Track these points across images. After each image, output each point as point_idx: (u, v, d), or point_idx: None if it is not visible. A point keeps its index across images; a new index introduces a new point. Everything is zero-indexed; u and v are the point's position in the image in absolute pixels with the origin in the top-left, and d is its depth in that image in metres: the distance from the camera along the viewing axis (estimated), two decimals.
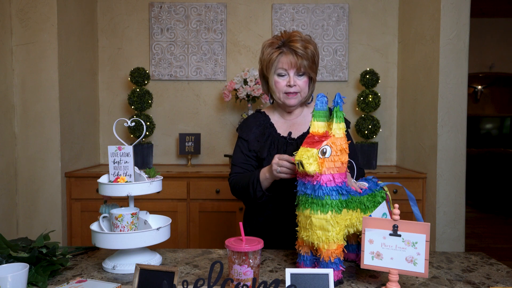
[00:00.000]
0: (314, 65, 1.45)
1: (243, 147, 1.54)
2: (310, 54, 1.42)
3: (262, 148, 1.49)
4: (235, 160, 1.56)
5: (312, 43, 1.45)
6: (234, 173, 1.54)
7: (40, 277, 1.08)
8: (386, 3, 3.12)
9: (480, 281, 1.12)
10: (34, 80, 2.53)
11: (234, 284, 0.99)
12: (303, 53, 1.40)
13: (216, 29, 3.11)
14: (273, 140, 1.50)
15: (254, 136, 1.53)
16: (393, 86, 3.16)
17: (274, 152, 1.47)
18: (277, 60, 1.43)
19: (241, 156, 1.54)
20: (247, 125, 1.58)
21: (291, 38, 1.43)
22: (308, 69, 1.42)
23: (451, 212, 2.51)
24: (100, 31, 3.13)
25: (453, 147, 2.49)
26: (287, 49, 1.41)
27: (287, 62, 1.41)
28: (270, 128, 1.54)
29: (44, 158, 2.55)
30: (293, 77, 1.43)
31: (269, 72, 1.46)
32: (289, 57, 1.41)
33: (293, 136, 1.51)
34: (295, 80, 1.43)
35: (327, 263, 1.06)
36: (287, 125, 1.54)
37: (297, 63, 1.41)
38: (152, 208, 2.46)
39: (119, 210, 1.25)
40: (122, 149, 1.27)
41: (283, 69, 1.43)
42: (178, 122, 3.17)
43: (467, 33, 2.47)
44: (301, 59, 1.40)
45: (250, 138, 1.53)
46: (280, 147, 1.49)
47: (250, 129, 1.55)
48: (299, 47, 1.40)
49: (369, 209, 1.13)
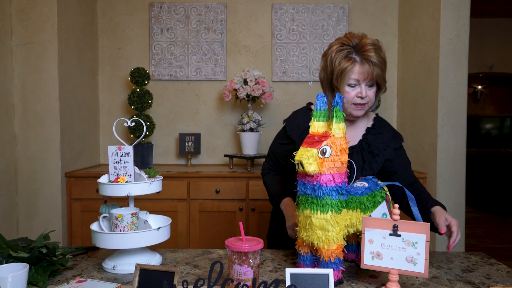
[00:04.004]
0: (384, 72, 1.35)
1: (286, 145, 1.48)
2: (383, 62, 1.33)
3: None
4: (274, 150, 1.54)
5: (382, 49, 1.35)
6: (268, 165, 1.56)
7: (40, 277, 1.08)
8: (386, 3, 3.12)
9: (480, 281, 1.12)
10: (34, 80, 2.53)
11: (234, 284, 0.99)
12: (377, 62, 1.30)
13: (216, 29, 3.11)
14: None
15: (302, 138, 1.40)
16: (393, 86, 3.16)
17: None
18: (351, 71, 1.31)
19: (278, 151, 1.52)
20: (297, 123, 1.49)
21: (364, 47, 1.31)
22: (382, 79, 1.34)
23: (451, 212, 2.49)
24: (100, 31, 3.13)
25: (453, 147, 2.49)
26: (362, 59, 1.31)
27: (362, 73, 1.31)
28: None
29: (44, 158, 2.55)
30: (364, 88, 1.33)
31: (340, 82, 1.34)
32: (364, 68, 1.30)
33: None
34: (366, 91, 1.34)
35: (327, 263, 1.06)
36: None
37: (373, 73, 1.31)
38: (152, 208, 2.46)
39: (119, 210, 1.25)
40: (122, 149, 1.27)
41: (355, 80, 1.32)
42: (178, 122, 3.17)
43: (467, 33, 2.47)
44: (376, 68, 1.31)
45: (297, 138, 1.45)
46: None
47: (298, 128, 1.47)
48: (374, 55, 1.30)
49: (369, 209, 1.13)
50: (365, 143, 1.42)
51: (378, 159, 1.40)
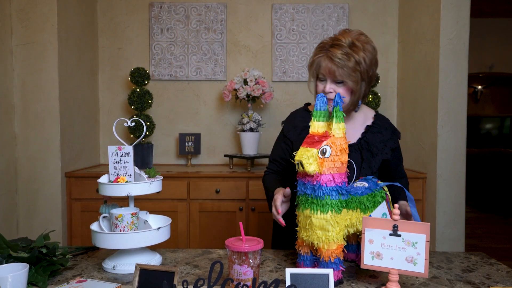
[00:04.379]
0: (357, 72, 1.31)
1: (284, 146, 1.49)
2: (353, 62, 1.29)
3: None
4: (274, 155, 1.53)
5: (363, 49, 1.32)
6: (270, 169, 1.53)
7: (40, 277, 1.08)
8: (386, 3, 3.12)
9: (480, 281, 1.12)
10: (34, 80, 2.53)
11: (234, 284, 0.99)
12: (339, 62, 1.29)
13: (216, 29, 3.11)
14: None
15: (299, 138, 1.44)
16: (393, 86, 3.16)
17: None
18: (316, 63, 1.35)
19: (279, 154, 1.50)
20: (294, 123, 1.50)
21: (334, 42, 1.32)
22: (347, 77, 1.31)
23: (451, 212, 2.51)
24: (100, 31, 3.13)
25: (453, 147, 2.49)
26: (326, 56, 1.31)
27: (324, 68, 1.32)
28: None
29: (44, 158, 2.55)
30: (329, 83, 1.34)
31: (310, 74, 1.39)
32: (326, 63, 1.31)
33: None
34: (332, 87, 1.33)
35: (327, 263, 1.06)
36: None
37: (333, 70, 1.30)
38: (152, 208, 2.46)
39: (119, 210, 1.25)
40: (122, 149, 1.27)
41: (323, 75, 1.34)
42: (178, 122, 3.17)
43: (467, 33, 2.47)
44: (337, 67, 1.29)
45: (295, 139, 1.46)
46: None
47: (295, 128, 1.48)
48: (338, 54, 1.29)
49: (369, 209, 1.13)
50: (364, 142, 1.41)
51: (377, 158, 1.39)
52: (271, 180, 1.49)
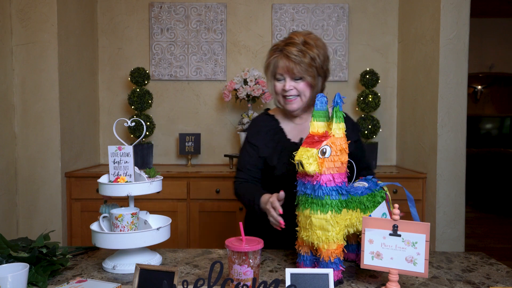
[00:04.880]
0: (313, 68, 1.39)
1: (252, 152, 1.50)
2: (308, 58, 1.37)
3: (272, 155, 1.46)
4: (242, 164, 1.52)
5: (315, 46, 1.39)
6: (240, 179, 1.51)
7: (40, 277, 1.08)
8: (386, 3, 3.12)
9: (480, 281, 1.12)
10: (34, 80, 2.53)
11: (234, 284, 0.99)
12: (296, 58, 1.36)
13: (216, 29, 3.11)
14: (283, 147, 1.46)
15: (264, 142, 1.49)
16: (393, 86, 3.16)
17: (285, 159, 1.43)
18: (273, 64, 1.41)
19: (248, 161, 1.50)
20: (257, 129, 1.53)
21: (288, 41, 1.40)
22: (304, 73, 1.38)
23: (451, 212, 2.51)
24: (100, 31, 3.13)
25: (453, 147, 2.49)
26: (282, 54, 1.38)
27: (282, 67, 1.39)
28: (279, 133, 1.49)
29: (44, 158, 2.55)
30: (289, 81, 1.40)
31: (267, 76, 1.45)
32: (283, 62, 1.38)
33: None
34: (291, 85, 1.40)
35: (327, 263, 1.06)
36: (297, 130, 1.49)
37: (291, 68, 1.37)
38: (152, 208, 2.46)
39: (119, 210, 1.25)
40: (122, 149, 1.27)
41: (280, 74, 1.41)
42: (178, 122, 3.17)
43: (467, 33, 2.47)
44: (295, 64, 1.36)
45: (260, 143, 1.49)
46: (291, 155, 1.44)
47: (259, 133, 1.51)
48: (294, 51, 1.36)
49: (369, 209, 1.13)
50: None
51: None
52: (248, 187, 1.47)
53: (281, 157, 1.44)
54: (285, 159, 1.43)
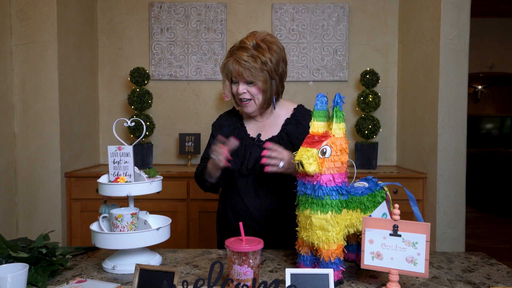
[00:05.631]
0: (264, 72, 1.38)
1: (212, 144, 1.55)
2: (259, 63, 1.36)
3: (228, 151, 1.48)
4: (204, 154, 1.64)
5: (268, 50, 1.38)
6: (200, 167, 1.60)
7: (40, 277, 1.08)
8: (386, 3, 3.12)
9: (480, 281, 1.12)
10: (34, 80, 2.53)
11: (234, 284, 0.99)
12: (246, 64, 1.36)
13: (216, 29, 3.11)
14: (241, 142, 1.50)
15: (223, 136, 1.51)
16: (393, 86, 3.15)
17: (241, 153, 1.48)
18: (227, 67, 1.42)
19: (208, 153, 1.58)
20: (220, 123, 1.61)
21: (240, 45, 1.40)
22: (255, 78, 1.38)
23: (451, 212, 2.51)
24: (100, 31, 3.13)
25: (453, 147, 2.49)
26: (234, 59, 1.39)
27: (233, 71, 1.40)
28: (240, 128, 1.55)
29: (44, 158, 2.55)
30: (241, 85, 1.42)
31: (223, 76, 1.47)
32: (234, 66, 1.39)
33: (262, 138, 1.50)
34: (244, 88, 1.41)
35: (327, 263, 1.06)
36: (258, 127, 1.54)
37: (241, 72, 1.38)
38: (152, 208, 2.45)
39: (119, 210, 1.25)
40: (122, 149, 1.26)
41: (234, 77, 1.42)
42: (178, 122, 3.16)
43: (467, 33, 2.47)
44: (244, 69, 1.37)
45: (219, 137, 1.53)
46: (247, 149, 1.49)
47: (221, 128, 1.58)
48: (244, 57, 1.36)
49: (369, 209, 1.13)
50: (285, 133, 1.48)
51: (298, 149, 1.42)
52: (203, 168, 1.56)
53: (238, 152, 1.48)
54: (242, 154, 1.48)
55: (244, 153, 1.48)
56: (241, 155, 1.48)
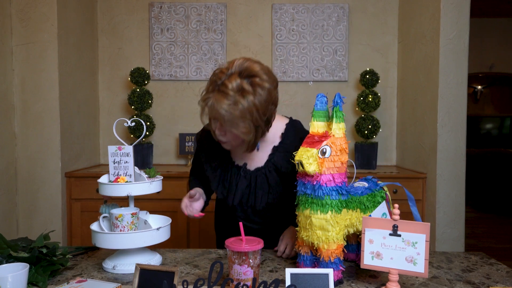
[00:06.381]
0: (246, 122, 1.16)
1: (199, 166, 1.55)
2: (238, 112, 1.13)
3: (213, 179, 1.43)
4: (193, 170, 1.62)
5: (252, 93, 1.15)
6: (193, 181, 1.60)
7: (40, 277, 1.08)
8: (386, 3, 3.12)
9: (480, 281, 1.12)
10: (34, 80, 2.53)
11: (234, 284, 0.99)
12: (225, 114, 1.14)
13: (216, 29, 3.11)
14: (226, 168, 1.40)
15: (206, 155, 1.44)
16: (393, 86, 3.16)
17: (226, 183, 1.39)
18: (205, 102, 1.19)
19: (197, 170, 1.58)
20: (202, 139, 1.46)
21: (221, 87, 1.15)
22: (236, 128, 1.17)
23: (451, 212, 2.51)
24: (100, 31, 3.13)
25: (453, 147, 2.49)
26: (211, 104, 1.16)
27: (211, 114, 1.20)
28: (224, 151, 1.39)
29: (44, 158, 2.55)
30: (219, 127, 1.23)
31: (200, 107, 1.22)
32: (212, 111, 1.18)
33: (248, 167, 1.38)
34: (223, 132, 1.24)
35: (327, 263, 1.06)
36: (244, 154, 1.38)
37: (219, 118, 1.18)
38: (152, 208, 2.45)
39: (119, 210, 1.25)
40: (122, 149, 1.27)
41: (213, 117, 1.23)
42: (178, 122, 3.17)
43: (467, 33, 2.47)
44: (224, 120, 1.17)
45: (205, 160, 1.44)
46: (233, 179, 1.38)
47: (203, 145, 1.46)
48: (224, 106, 1.13)
49: (369, 209, 1.13)
50: (272, 164, 1.35)
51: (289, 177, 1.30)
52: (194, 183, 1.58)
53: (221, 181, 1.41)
54: (227, 183, 1.39)
55: (230, 184, 1.38)
56: (226, 185, 1.39)
